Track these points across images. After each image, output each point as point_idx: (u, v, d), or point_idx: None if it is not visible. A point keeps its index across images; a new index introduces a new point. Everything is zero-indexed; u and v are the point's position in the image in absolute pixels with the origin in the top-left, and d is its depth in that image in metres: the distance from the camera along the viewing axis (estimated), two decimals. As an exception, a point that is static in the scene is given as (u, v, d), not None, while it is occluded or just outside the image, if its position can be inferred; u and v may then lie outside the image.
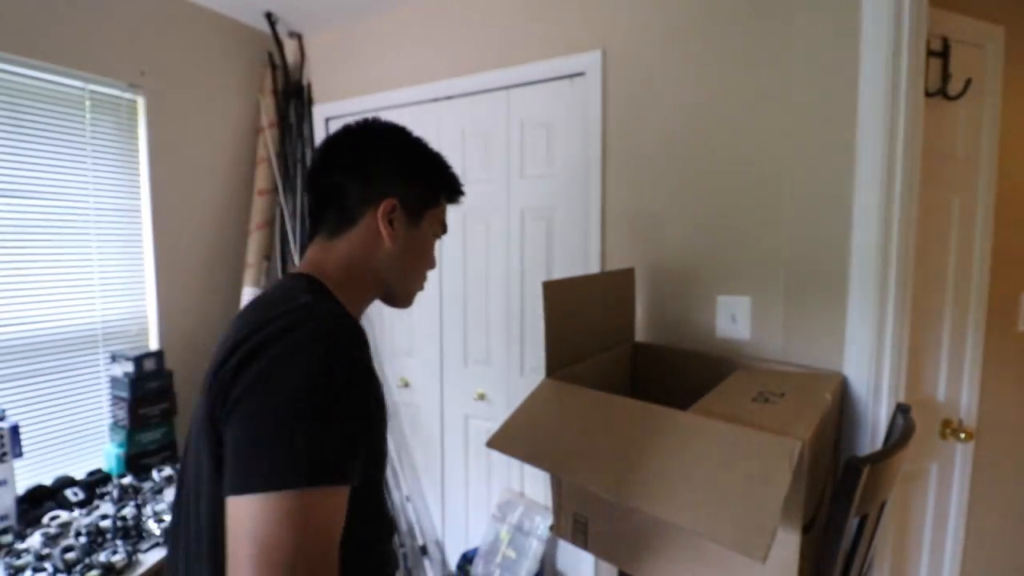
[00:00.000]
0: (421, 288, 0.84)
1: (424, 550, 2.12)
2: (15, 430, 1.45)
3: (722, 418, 0.92)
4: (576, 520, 1.15)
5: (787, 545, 0.91)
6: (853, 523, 0.88)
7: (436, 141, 1.98)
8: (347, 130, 0.76)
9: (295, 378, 0.53)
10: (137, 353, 1.77)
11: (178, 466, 0.79)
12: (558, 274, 1.77)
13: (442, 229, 0.84)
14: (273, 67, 2.26)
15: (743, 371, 1.28)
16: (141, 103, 1.87)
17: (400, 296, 0.82)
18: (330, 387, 0.53)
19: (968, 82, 1.39)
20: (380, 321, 2.23)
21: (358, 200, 0.73)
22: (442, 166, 0.81)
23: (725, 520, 0.76)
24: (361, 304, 0.77)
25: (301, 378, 0.53)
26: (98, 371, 1.83)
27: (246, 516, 0.49)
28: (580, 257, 1.73)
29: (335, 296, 0.70)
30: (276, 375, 0.53)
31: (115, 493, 1.57)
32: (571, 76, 1.71)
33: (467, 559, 1.93)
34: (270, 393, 0.53)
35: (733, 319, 1.46)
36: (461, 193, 0.84)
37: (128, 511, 1.45)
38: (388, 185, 0.74)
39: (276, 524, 0.48)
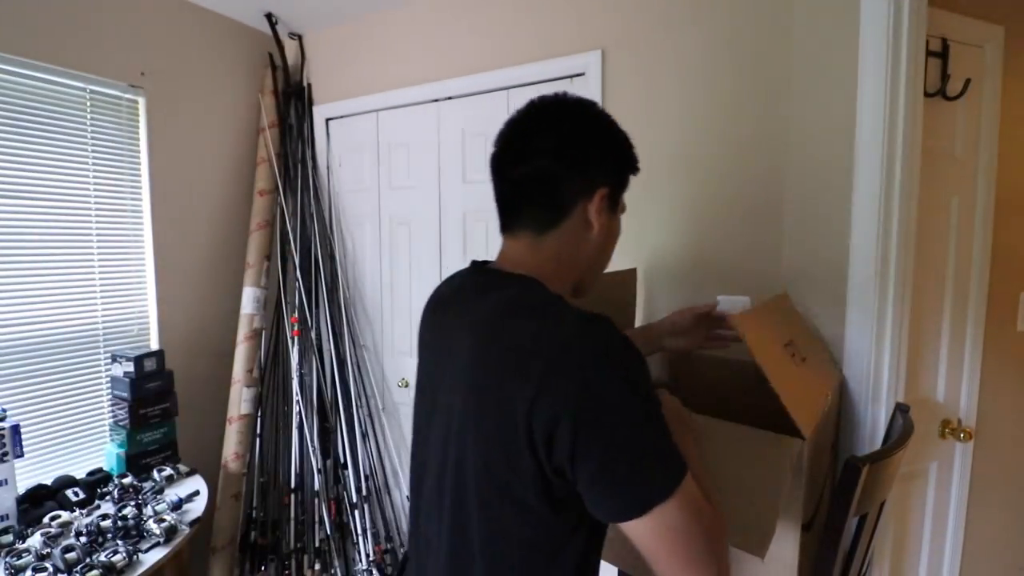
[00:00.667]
0: None
1: (424, 550, 2.12)
2: (16, 430, 1.46)
3: (758, 351, 0.91)
4: (576, 520, 1.15)
5: (788, 543, 0.91)
6: (852, 522, 0.89)
7: (436, 141, 1.99)
8: (544, 108, 0.69)
9: (619, 393, 0.55)
10: (137, 353, 1.77)
11: (415, 456, 0.77)
12: (558, 274, 1.76)
13: (623, 207, 0.78)
14: (273, 67, 2.26)
15: (781, 298, 1.27)
16: (142, 103, 1.87)
17: (588, 286, 0.79)
18: (639, 387, 0.57)
19: (967, 82, 1.39)
20: (380, 321, 2.23)
21: (574, 191, 0.68)
22: (630, 144, 0.75)
23: (726, 518, 0.76)
24: None
25: (624, 389, 0.56)
26: (99, 371, 1.83)
27: (655, 530, 0.55)
28: (580, 257, 1.73)
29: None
30: (604, 396, 0.55)
31: (115, 493, 1.57)
32: (571, 76, 1.71)
33: (467, 559, 1.92)
34: (609, 412, 0.54)
35: (733, 319, 1.46)
36: (638, 168, 0.77)
37: (129, 511, 1.45)
38: (602, 173, 0.69)
39: (680, 524, 0.54)
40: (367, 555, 2.07)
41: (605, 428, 0.53)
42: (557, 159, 0.67)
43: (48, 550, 1.30)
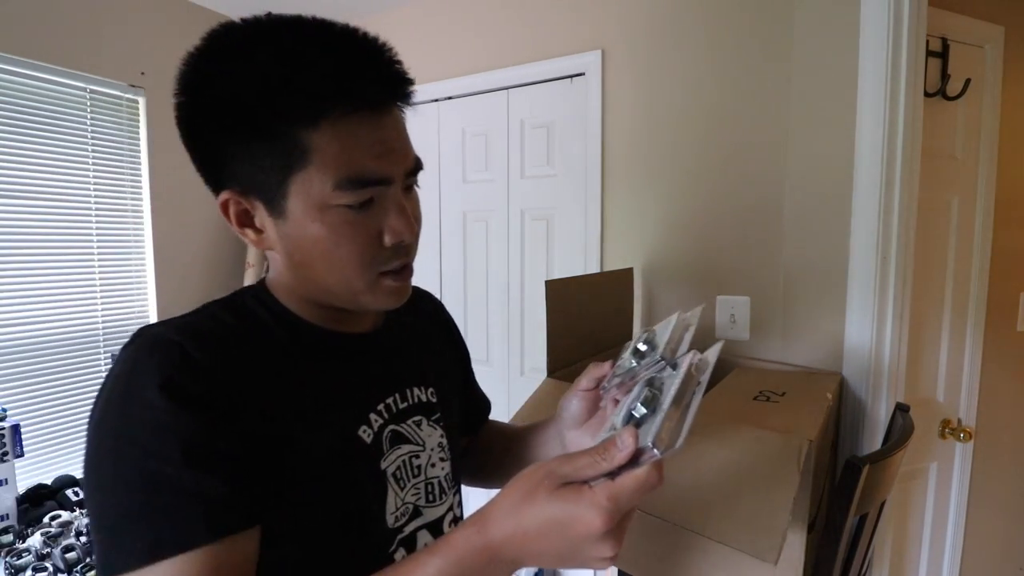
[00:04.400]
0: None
1: (424, 550, 2.12)
2: (16, 429, 1.45)
3: (725, 417, 0.92)
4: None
5: (793, 545, 0.91)
6: (852, 522, 0.89)
7: (436, 141, 1.99)
8: None
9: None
10: (138, 353, 1.77)
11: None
12: (558, 274, 1.77)
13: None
14: (273, 67, 2.26)
15: (742, 370, 1.28)
16: (142, 103, 1.88)
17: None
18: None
19: (967, 82, 1.39)
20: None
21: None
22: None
23: (734, 523, 0.76)
24: None
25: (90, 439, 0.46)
26: (99, 371, 1.83)
27: None
28: (580, 257, 1.73)
29: None
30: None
31: (116, 493, 1.57)
32: (571, 76, 1.71)
33: (467, 559, 1.92)
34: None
35: (732, 319, 1.46)
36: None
37: (129, 511, 1.45)
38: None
39: None
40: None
41: (86, 469, 0.43)
42: None
43: (48, 550, 1.29)
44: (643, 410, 0.40)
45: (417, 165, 0.53)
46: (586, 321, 1.29)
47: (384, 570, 0.42)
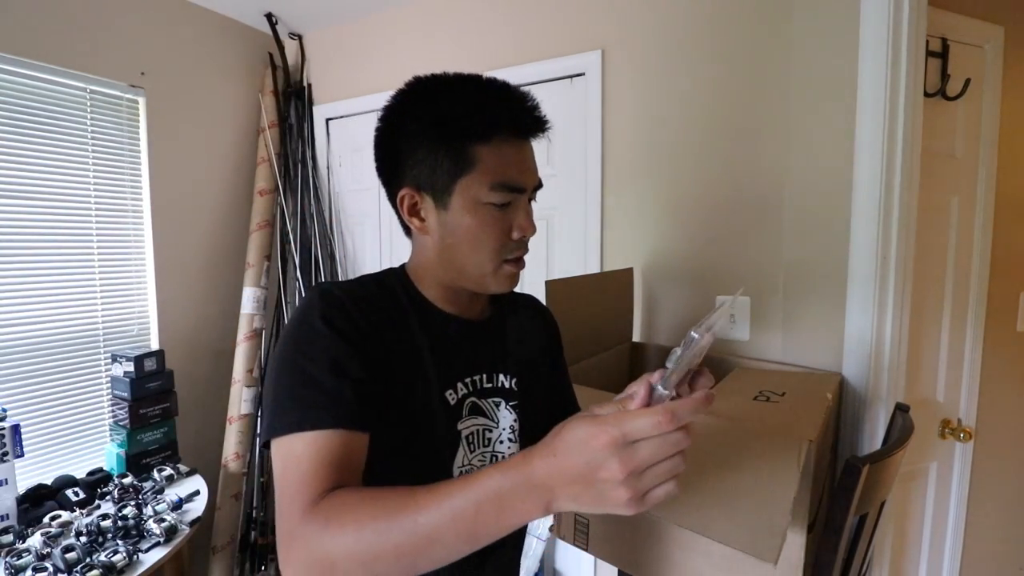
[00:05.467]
0: None
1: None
2: (16, 429, 1.46)
3: (725, 417, 0.92)
4: (577, 522, 1.15)
5: (794, 545, 0.91)
6: (852, 522, 0.89)
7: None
8: None
9: (280, 341, 0.63)
10: (137, 353, 1.77)
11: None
12: (558, 274, 1.77)
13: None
14: (273, 67, 2.26)
15: (742, 370, 1.28)
16: (142, 103, 1.87)
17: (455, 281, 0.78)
18: (295, 340, 0.61)
19: (967, 82, 1.39)
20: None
21: (390, 196, 0.74)
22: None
23: (734, 523, 0.76)
24: None
25: (284, 338, 0.63)
26: (99, 371, 1.83)
27: (272, 460, 0.60)
28: (580, 257, 1.73)
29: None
30: (280, 340, 0.65)
31: (116, 493, 1.57)
32: (571, 76, 1.71)
33: (467, 559, 1.93)
34: (275, 352, 0.64)
35: (732, 320, 1.46)
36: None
37: (129, 511, 1.45)
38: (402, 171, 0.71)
39: (276, 469, 0.57)
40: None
41: (270, 364, 0.64)
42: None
43: (48, 550, 1.30)
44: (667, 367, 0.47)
45: (540, 184, 0.70)
46: (586, 321, 1.29)
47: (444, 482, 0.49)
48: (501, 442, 0.74)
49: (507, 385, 0.75)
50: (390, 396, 0.62)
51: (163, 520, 1.43)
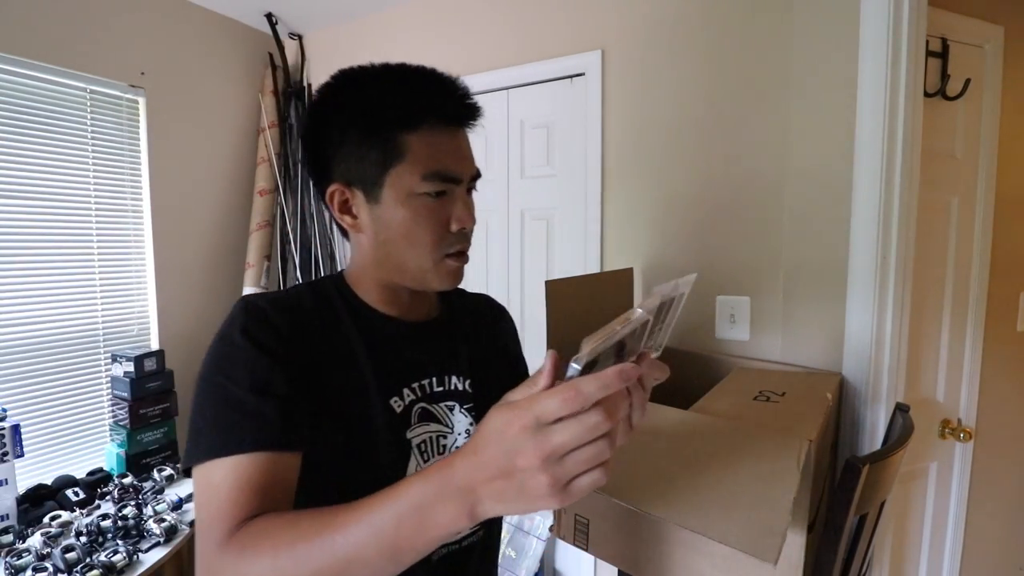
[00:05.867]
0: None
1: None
2: (16, 429, 1.46)
3: (725, 417, 0.92)
4: (577, 521, 1.15)
5: (794, 545, 0.91)
6: (852, 522, 0.89)
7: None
8: None
9: (204, 361, 0.59)
10: (137, 353, 1.77)
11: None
12: (558, 274, 1.77)
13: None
14: (273, 67, 2.26)
15: (742, 370, 1.28)
16: (142, 103, 1.87)
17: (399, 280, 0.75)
18: (214, 360, 0.58)
19: (967, 82, 1.39)
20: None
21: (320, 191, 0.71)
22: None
23: (734, 522, 0.76)
24: None
25: (206, 359, 0.59)
26: (99, 371, 1.83)
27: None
28: (580, 257, 1.73)
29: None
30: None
31: (116, 493, 1.57)
32: (571, 76, 1.71)
33: (467, 559, 1.93)
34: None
35: (732, 319, 1.46)
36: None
37: (129, 511, 1.45)
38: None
39: (195, 495, 0.54)
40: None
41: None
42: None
43: (48, 550, 1.30)
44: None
45: (478, 173, 0.66)
46: (586, 321, 1.29)
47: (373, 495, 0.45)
48: (457, 447, 0.68)
49: (460, 388, 0.71)
50: (324, 410, 0.58)
51: (163, 520, 1.43)
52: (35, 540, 1.34)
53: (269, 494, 0.51)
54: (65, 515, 1.45)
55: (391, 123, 0.59)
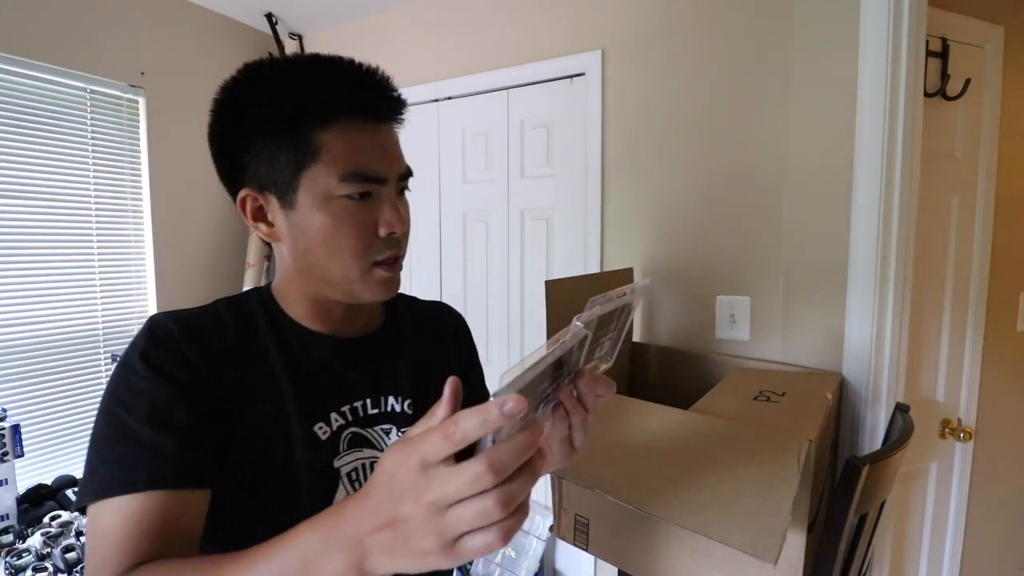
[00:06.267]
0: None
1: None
2: (16, 429, 1.46)
3: (725, 417, 0.92)
4: (577, 521, 1.15)
5: (794, 545, 0.91)
6: (852, 522, 0.89)
7: (436, 141, 1.99)
8: None
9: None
10: (138, 353, 1.77)
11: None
12: (558, 274, 1.77)
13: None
14: (273, 67, 2.26)
15: (742, 370, 1.28)
16: (142, 103, 1.87)
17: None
18: (114, 388, 0.53)
19: (967, 82, 1.39)
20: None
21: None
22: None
23: (734, 522, 0.76)
24: None
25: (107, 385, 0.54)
26: (99, 371, 1.83)
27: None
28: (580, 257, 1.73)
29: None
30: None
31: (116, 493, 1.57)
32: (571, 76, 1.71)
33: (467, 559, 1.92)
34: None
35: (732, 319, 1.46)
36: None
37: (129, 511, 1.45)
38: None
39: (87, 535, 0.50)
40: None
41: None
42: None
43: (48, 550, 1.30)
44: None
45: (408, 171, 0.62)
46: (586, 321, 1.29)
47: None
48: None
49: (399, 409, 0.65)
50: (235, 442, 0.53)
51: (163, 520, 1.43)
52: (35, 540, 1.34)
53: (163, 537, 0.46)
54: (65, 515, 1.45)
55: (302, 119, 0.53)
